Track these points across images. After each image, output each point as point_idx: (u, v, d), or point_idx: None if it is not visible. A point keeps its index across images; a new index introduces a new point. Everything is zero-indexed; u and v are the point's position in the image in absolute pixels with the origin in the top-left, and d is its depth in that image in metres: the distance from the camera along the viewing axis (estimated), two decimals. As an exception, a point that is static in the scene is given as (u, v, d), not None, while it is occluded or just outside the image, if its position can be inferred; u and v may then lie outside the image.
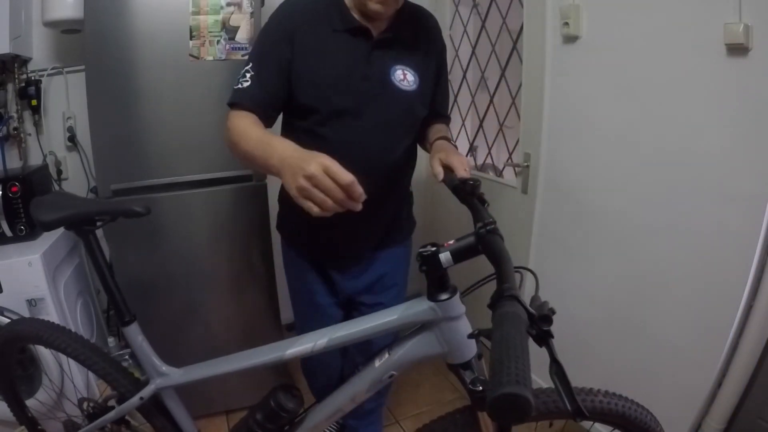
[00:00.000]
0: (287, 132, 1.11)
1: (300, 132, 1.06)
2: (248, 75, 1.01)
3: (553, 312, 0.61)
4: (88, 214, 1.00)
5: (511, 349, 0.51)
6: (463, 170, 0.98)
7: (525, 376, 0.48)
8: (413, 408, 1.83)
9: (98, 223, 1.01)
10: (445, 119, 1.31)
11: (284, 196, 1.23)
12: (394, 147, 1.12)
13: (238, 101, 1.00)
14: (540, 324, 0.60)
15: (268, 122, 1.03)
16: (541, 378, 1.29)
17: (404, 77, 1.08)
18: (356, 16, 1.05)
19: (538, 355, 0.60)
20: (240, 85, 1.00)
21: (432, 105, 1.21)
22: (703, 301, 1.25)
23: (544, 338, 0.61)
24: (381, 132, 1.08)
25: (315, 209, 0.70)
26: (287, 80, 1.03)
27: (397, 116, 1.10)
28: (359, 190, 0.69)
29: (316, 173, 0.68)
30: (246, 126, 0.95)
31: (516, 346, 0.51)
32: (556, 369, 0.60)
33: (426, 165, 2.16)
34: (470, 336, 0.74)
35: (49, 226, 0.98)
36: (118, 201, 1.30)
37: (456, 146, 1.15)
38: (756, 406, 1.24)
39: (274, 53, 1.02)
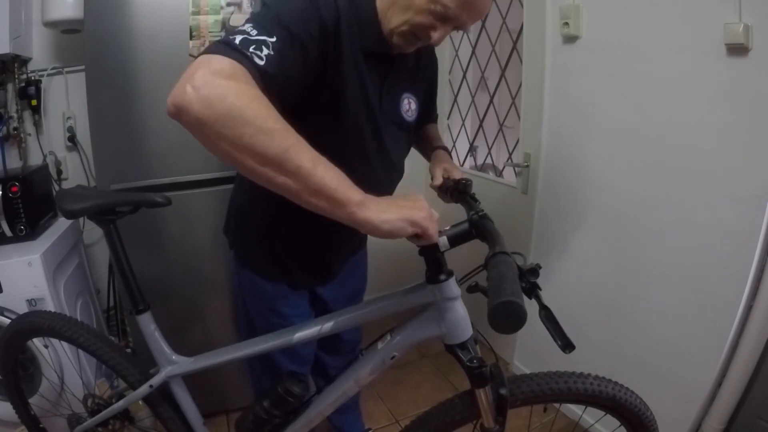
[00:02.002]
0: None
1: None
2: (265, 49, 0.65)
3: (539, 267, 0.69)
4: (110, 204, 1.04)
5: (506, 278, 0.60)
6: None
7: (518, 294, 0.58)
8: (413, 408, 1.83)
9: (119, 214, 1.05)
10: (435, 118, 1.29)
11: (270, 214, 1.02)
12: (396, 174, 1.08)
13: (247, 67, 0.63)
14: (528, 276, 0.68)
15: None
16: (528, 367, 1.48)
17: (409, 107, 1.02)
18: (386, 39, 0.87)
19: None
20: (253, 55, 0.64)
21: (425, 114, 1.17)
22: (703, 301, 1.25)
23: (532, 289, 0.68)
24: (388, 163, 1.01)
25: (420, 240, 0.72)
26: (307, 80, 0.76)
27: (400, 147, 1.05)
28: None
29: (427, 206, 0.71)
30: (268, 103, 0.61)
31: (509, 277, 0.61)
32: (546, 313, 0.70)
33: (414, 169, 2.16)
34: (469, 289, 0.77)
35: (74, 215, 1.02)
36: (139, 193, 1.32)
37: (450, 153, 1.18)
38: (756, 406, 1.24)
39: (302, 40, 0.71)
